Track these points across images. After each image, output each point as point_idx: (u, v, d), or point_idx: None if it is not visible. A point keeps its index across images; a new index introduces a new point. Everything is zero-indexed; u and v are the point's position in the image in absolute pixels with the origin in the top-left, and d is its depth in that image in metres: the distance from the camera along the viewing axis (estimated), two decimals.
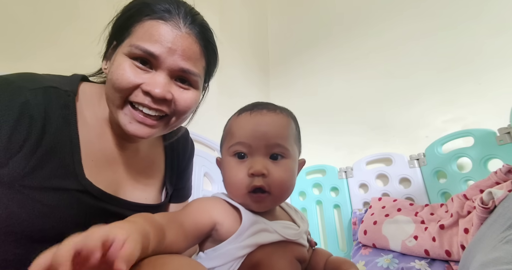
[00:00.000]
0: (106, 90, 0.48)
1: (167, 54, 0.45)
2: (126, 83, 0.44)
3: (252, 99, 0.61)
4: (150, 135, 0.48)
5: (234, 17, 1.76)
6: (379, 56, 1.53)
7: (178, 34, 0.46)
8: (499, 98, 1.11)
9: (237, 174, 0.45)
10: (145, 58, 0.45)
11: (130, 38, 0.46)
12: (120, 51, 0.46)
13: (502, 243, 0.43)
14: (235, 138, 0.47)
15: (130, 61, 0.45)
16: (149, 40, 0.44)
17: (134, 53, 0.44)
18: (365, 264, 1.03)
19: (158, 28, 0.45)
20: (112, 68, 0.46)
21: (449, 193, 1.10)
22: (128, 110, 0.46)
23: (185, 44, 0.46)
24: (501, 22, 1.19)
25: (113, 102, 0.46)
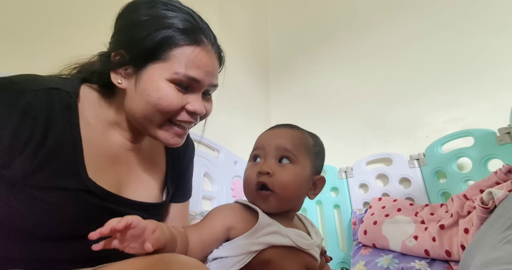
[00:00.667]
0: (139, 108, 0.48)
1: (206, 77, 0.49)
2: (176, 106, 0.48)
3: (252, 99, 0.63)
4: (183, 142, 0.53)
5: (234, 17, 1.76)
6: (379, 57, 1.53)
7: (211, 57, 0.50)
8: (499, 98, 1.11)
9: (249, 173, 0.52)
10: (188, 84, 0.48)
11: (169, 63, 0.47)
12: (156, 74, 0.47)
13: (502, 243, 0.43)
14: (255, 145, 0.55)
15: (173, 86, 0.47)
16: (192, 67, 0.47)
17: (179, 79, 0.47)
18: (365, 264, 1.03)
19: (198, 54, 0.48)
20: (148, 89, 0.47)
21: (449, 193, 1.10)
22: (169, 127, 0.50)
23: (215, 65, 0.52)
24: (501, 22, 1.19)
25: (152, 121, 0.49)
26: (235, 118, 1.55)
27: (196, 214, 1.05)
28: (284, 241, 0.47)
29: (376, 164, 1.40)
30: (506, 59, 1.15)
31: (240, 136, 1.55)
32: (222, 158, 1.29)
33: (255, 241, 0.45)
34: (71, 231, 0.44)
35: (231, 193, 1.27)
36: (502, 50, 1.16)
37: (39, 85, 0.44)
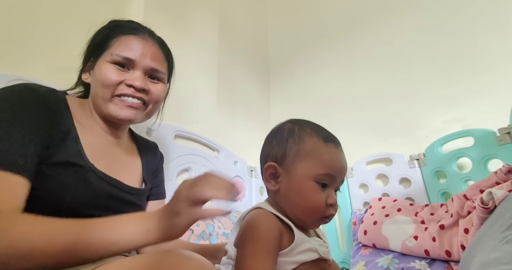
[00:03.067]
0: (93, 92, 0.59)
1: (140, 58, 0.60)
2: (113, 80, 0.57)
3: (252, 99, 0.64)
4: (135, 117, 0.60)
5: (234, 17, 1.76)
6: (379, 56, 1.53)
7: (146, 43, 0.61)
8: (499, 98, 1.11)
9: (318, 201, 0.50)
10: (123, 62, 0.59)
11: (110, 50, 0.59)
12: (101, 61, 0.59)
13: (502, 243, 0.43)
14: (326, 168, 0.51)
15: (112, 65, 0.58)
16: (126, 49, 0.59)
17: (115, 59, 0.58)
18: (365, 264, 1.03)
19: (131, 40, 0.60)
20: (97, 73, 0.58)
21: (449, 193, 1.10)
22: (116, 100, 0.58)
23: (152, 50, 0.62)
24: (501, 22, 1.19)
25: (102, 97, 0.58)
26: (235, 118, 1.55)
27: None
28: (314, 256, 0.49)
29: (376, 164, 1.40)
30: (506, 59, 1.14)
31: (240, 136, 1.55)
32: (222, 158, 1.29)
33: (291, 260, 0.46)
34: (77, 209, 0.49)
35: None
36: (502, 50, 1.16)
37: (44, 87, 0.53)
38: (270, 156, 0.53)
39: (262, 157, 0.56)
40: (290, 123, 0.57)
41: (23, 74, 0.74)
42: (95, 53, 0.61)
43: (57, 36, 0.87)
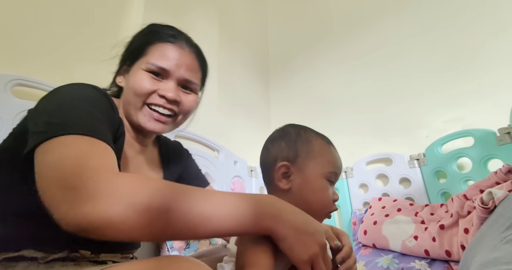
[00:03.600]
0: (126, 97, 0.59)
1: (175, 68, 0.59)
2: (146, 89, 0.57)
3: (252, 99, 0.65)
4: (163, 130, 0.60)
5: (235, 17, 1.76)
6: (379, 57, 1.53)
7: (182, 53, 0.60)
8: (499, 98, 1.11)
9: (328, 197, 0.55)
10: (158, 72, 0.58)
11: (145, 57, 0.58)
12: (137, 67, 0.58)
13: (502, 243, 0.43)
14: (334, 166, 0.57)
15: (147, 73, 0.57)
16: (161, 58, 0.58)
17: (150, 68, 0.57)
18: (365, 264, 1.03)
19: (168, 48, 0.59)
20: (131, 80, 0.58)
21: (449, 193, 1.10)
22: (146, 111, 0.58)
23: (188, 60, 0.60)
24: (501, 22, 1.19)
25: (134, 105, 0.58)
26: (235, 118, 1.55)
27: None
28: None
29: (376, 164, 1.40)
30: (506, 59, 1.14)
31: (240, 136, 1.55)
32: (222, 158, 1.29)
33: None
34: None
35: None
36: (502, 50, 1.16)
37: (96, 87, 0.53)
38: (279, 157, 0.56)
39: (268, 159, 0.57)
40: (292, 127, 0.60)
41: (23, 74, 0.74)
42: (131, 58, 0.61)
43: (57, 36, 0.87)
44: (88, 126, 0.41)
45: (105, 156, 0.39)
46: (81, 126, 0.40)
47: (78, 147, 0.38)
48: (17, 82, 0.72)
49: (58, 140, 0.38)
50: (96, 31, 0.99)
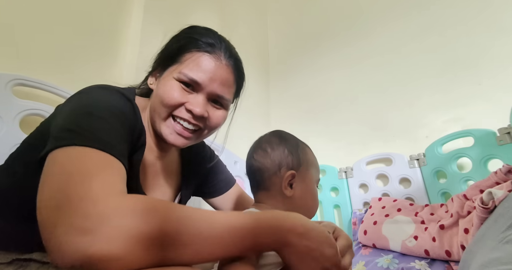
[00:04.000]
0: (153, 104, 0.56)
1: (208, 82, 0.54)
2: (175, 101, 0.53)
3: (252, 99, 0.64)
4: (185, 145, 0.57)
5: (235, 17, 1.76)
6: (379, 57, 1.53)
7: (219, 66, 0.55)
8: (499, 98, 1.11)
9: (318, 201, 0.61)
10: (190, 83, 0.54)
11: (179, 65, 0.55)
12: (169, 74, 0.55)
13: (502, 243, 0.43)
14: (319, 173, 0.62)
15: (178, 83, 0.54)
16: (195, 69, 0.54)
17: (182, 79, 0.54)
18: (365, 264, 1.03)
19: (204, 60, 0.54)
20: (161, 86, 0.55)
21: (449, 193, 1.10)
22: (170, 123, 0.55)
23: (223, 75, 0.56)
24: (501, 22, 1.19)
25: (159, 114, 0.55)
26: (234, 118, 1.55)
27: None
28: None
29: (376, 164, 1.40)
30: (506, 59, 1.14)
31: (240, 136, 1.55)
32: (222, 158, 1.28)
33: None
34: None
35: None
36: (502, 50, 1.16)
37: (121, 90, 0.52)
38: (284, 164, 0.56)
39: (270, 164, 0.57)
40: (286, 134, 0.62)
41: (23, 74, 0.74)
42: (165, 62, 0.57)
43: (58, 36, 0.87)
44: (103, 139, 0.40)
45: (113, 174, 0.37)
46: (96, 138, 0.39)
47: (86, 162, 0.36)
48: (18, 82, 0.72)
49: (69, 151, 0.37)
50: (96, 31, 0.99)
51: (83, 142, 0.38)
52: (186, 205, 0.39)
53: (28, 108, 0.73)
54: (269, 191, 0.56)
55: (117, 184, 0.36)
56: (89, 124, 0.40)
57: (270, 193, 0.56)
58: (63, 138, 0.38)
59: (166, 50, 0.59)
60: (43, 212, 0.32)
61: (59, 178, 0.34)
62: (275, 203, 0.55)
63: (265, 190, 0.57)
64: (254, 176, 0.58)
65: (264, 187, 0.57)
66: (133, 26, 1.11)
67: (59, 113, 0.46)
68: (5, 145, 0.67)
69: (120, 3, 1.10)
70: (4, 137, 0.68)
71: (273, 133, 0.62)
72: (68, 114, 0.43)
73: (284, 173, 0.55)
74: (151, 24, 1.13)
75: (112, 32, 1.05)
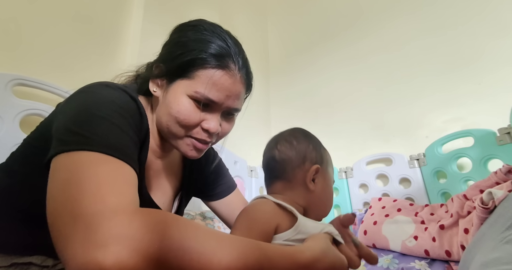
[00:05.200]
0: (164, 118, 0.53)
1: (225, 100, 0.52)
2: (192, 122, 0.52)
3: (252, 100, 0.64)
4: (201, 155, 0.57)
5: (235, 17, 1.76)
6: (379, 56, 1.53)
7: (234, 81, 0.53)
8: (499, 98, 1.11)
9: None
10: (206, 103, 0.52)
11: (192, 82, 0.51)
12: (179, 89, 0.51)
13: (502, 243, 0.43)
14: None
15: (192, 102, 0.51)
16: (212, 89, 0.51)
17: (197, 98, 0.51)
18: (365, 264, 1.03)
19: (220, 78, 0.51)
20: (173, 103, 0.51)
21: (449, 193, 1.10)
22: (190, 140, 0.54)
23: (238, 89, 0.54)
24: (501, 22, 1.19)
25: (175, 133, 0.53)
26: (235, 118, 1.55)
27: (196, 214, 1.05)
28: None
29: (376, 164, 1.40)
30: (506, 59, 1.15)
31: (240, 136, 1.55)
32: (222, 158, 1.29)
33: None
34: None
35: None
36: (502, 50, 1.16)
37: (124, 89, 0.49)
38: (308, 158, 0.57)
39: (295, 156, 0.58)
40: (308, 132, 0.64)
41: (23, 74, 0.74)
42: (174, 73, 0.52)
43: (58, 36, 0.87)
44: (114, 144, 0.38)
45: (124, 186, 0.36)
46: (106, 143, 0.37)
47: (98, 170, 0.35)
48: (18, 82, 0.72)
49: (78, 156, 0.35)
50: (96, 31, 0.99)
51: (92, 146, 0.36)
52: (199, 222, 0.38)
53: (28, 108, 0.73)
54: (291, 182, 0.56)
55: (130, 194, 0.35)
56: (97, 127, 0.39)
57: (291, 185, 0.56)
58: (70, 142, 0.37)
59: (173, 59, 0.53)
60: (56, 223, 0.32)
61: (70, 187, 0.33)
62: (295, 195, 0.56)
63: (286, 181, 0.57)
64: (276, 166, 0.58)
65: (285, 178, 0.57)
66: (133, 26, 1.11)
67: (61, 113, 0.44)
68: (5, 145, 0.67)
69: (120, 3, 1.10)
70: (4, 137, 0.68)
71: (297, 129, 0.63)
72: (72, 115, 0.41)
73: (309, 166, 0.56)
74: (151, 24, 1.13)
75: (112, 32, 1.05)
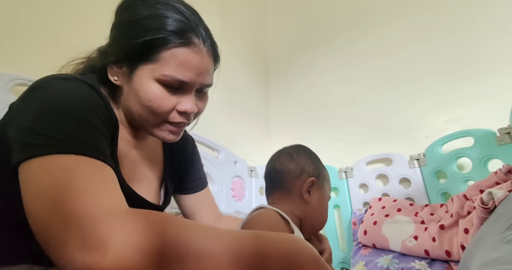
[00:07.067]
0: (134, 108, 0.49)
1: (196, 78, 0.49)
2: (166, 108, 0.48)
3: (252, 100, 0.64)
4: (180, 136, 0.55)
5: (235, 18, 1.76)
6: (379, 56, 1.53)
7: (202, 57, 0.49)
8: (499, 98, 1.11)
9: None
10: (177, 85, 0.48)
11: (157, 65, 0.46)
12: (144, 74, 0.47)
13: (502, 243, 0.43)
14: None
15: (161, 87, 0.47)
16: (180, 69, 0.47)
17: (167, 81, 0.47)
18: (365, 264, 1.03)
19: (187, 56, 0.47)
20: (141, 92, 0.47)
21: (449, 193, 1.10)
22: (166, 127, 0.51)
23: (207, 65, 0.50)
24: (501, 22, 1.19)
25: (150, 122, 0.50)
26: (235, 118, 1.55)
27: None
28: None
29: (376, 164, 1.40)
30: (506, 59, 1.15)
31: (240, 136, 1.55)
32: (222, 158, 1.29)
33: None
34: None
35: (231, 193, 1.27)
36: (502, 50, 1.16)
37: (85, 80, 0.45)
38: (306, 171, 0.62)
39: (294, 168, 0.62)
40: (309, 149, 0.68)
41: (23, 74, 0.74)
42: (134, 57, 0.47)
43: (58, 36, 0.87)
44: (89, 144, 0.36)
45: (110, 187, 0.35)
46: (81, 144, 0.35)
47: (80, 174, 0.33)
48: (17, 82, 0.72)
49: (54, 160, 0.33)
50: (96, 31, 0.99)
51: (68, 149, 0.34)
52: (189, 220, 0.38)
53: None
54: (289, 192, 0.60)
55: (118, 195, 0.35)
56: (67, 127, 0.36)
57: (288, 195, 0.60)
58: (41, 146, 0.34)
59: (129, 42, 0.47)
60: (45, 231, 0.31)
61: (53, 193, 0.31)
62: (291, 205, 0.59)
63: (284, 191, 0.60)
64: (275, 176, 0.62)
65: (284, 188, 0.61)
66: None
67: (19, 114, 0.39)
68: None
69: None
70: None
71: (299, 146, 0.68)
72: (34, 115, 0.37)
73: (305, 178, 0.60)
74: None
75: None
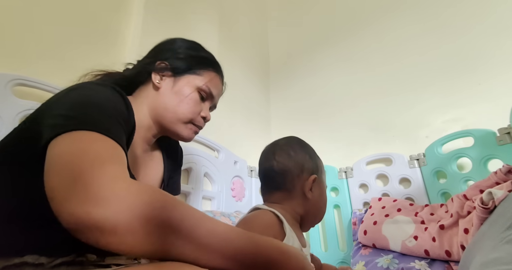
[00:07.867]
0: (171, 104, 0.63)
1: (217, 96, 0.71)
2: (198, 111, 0.66)
3: (252, 100, 0.66)
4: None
5: (235, 18, 1.76)
6: (379, 57, 1.53)
7: (221, 85, 0.73)
8: (499, 98, 1.11)
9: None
10: (207, 96, 0.67)
11: (200, 77, 0.66)
12: (190, 83, 0.65)
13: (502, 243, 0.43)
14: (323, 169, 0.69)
15: (198, 95, 0.65)
16: (214, 87, 0.68)
17: (204, 91, 0.66)
18: (365, 264, 1.03)
19: (218, 81, 0.70)
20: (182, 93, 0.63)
21: (449, 193, 1.10)
22: (192, 126, 0.67)
23: (222, 91, 0.74)
24: (501, 23, 1.19)
25: (181, 119, 0.64)
26: (235, 118, 1.55)
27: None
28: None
29: (376, 164, 1.40)
30: (506, 59, 1.15)
31: (240, 136, 1.55)
32: (222, 158, 1.29)
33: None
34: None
35: (231, 193, 1.27)
36: (502, 50, 1.16)
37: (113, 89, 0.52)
38: (306, 168, 0.61)
39: (293, 166, 0.61)
40: (303, 141, 0.67)
41: (23, 74, 0.74)
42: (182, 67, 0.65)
43: (58, 36, 0.87)
44: (108, 127, 0.40)
45: (120, 162, 0.38)
46: (101, 125, 0.39)
47: (97, 146, 0.37)
48: (18, 82, 0.72)
49: (77, 134, 0.37)
50: (96, 31, 0.99)
51: (92, 127, 0.38)
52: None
53: (28, 108, 0.73)
54: (290, 192, 0.59)
55: (126, 170, 0.37)
56: (93, 114, 0.41)
57: (289, 194, 0.59)
58: (69, 124, 0.38)
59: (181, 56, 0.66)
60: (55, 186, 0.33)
61: (70, 158, 0.34)
62: (294, 203, 0.59)
63: (286, 191, 0.59)
64: (275, 177, 0.61)
65: (285, 189, 0.60)
66: (133, 26, 1.11)
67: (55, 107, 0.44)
68: None
69: (120, 3, 1.10)
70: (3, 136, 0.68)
71: (292, 139, 0.67)
72: (68, 107, 0.42)
73: (306, 177, 0.59)
74: (151, 24, 1.13)
75: (112, 32, 1.05)
